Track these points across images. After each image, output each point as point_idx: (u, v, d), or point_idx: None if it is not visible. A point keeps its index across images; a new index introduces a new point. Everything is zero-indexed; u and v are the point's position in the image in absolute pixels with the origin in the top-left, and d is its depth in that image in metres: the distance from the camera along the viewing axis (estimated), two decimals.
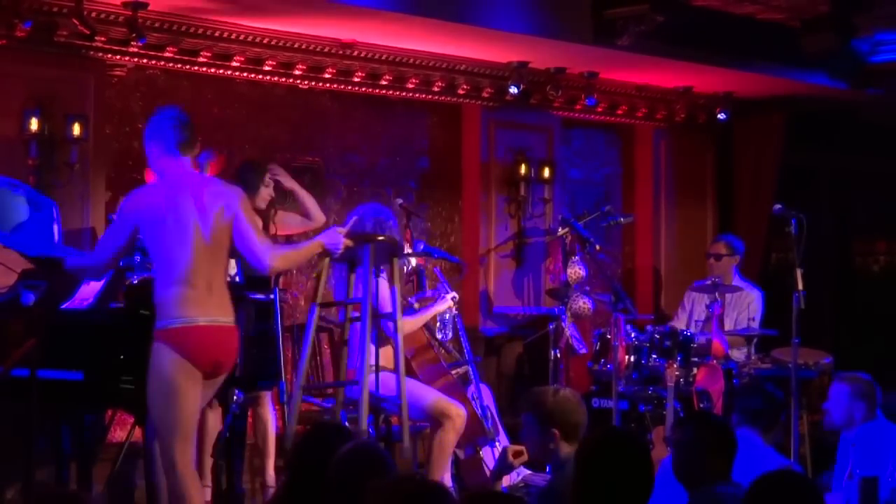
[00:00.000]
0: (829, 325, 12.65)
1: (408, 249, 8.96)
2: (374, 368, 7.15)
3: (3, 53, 8.68)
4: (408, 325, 7.90)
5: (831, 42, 11.27)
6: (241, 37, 9.63)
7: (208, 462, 7.90)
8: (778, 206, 8.64)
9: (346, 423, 7.80)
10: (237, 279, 6.93)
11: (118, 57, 9.26)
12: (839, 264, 13.66)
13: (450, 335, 8.51)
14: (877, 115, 12.65)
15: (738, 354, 9.90)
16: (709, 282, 10.10)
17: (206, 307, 6.20)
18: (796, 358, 8.31)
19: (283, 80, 10.11)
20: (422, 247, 8.58)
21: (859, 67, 11.95)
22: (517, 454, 6.19)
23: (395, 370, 7.14)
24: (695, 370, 9.29)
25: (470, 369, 8.12)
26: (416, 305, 8.39)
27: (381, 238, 7.06)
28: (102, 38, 8.99)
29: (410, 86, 10.73)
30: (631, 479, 4.36)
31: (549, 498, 5.35)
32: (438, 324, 8.31)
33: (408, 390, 7.76)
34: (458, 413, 7.74)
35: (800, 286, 8.27)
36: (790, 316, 8.28)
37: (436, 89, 10.86)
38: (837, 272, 13.50)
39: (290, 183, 8.81)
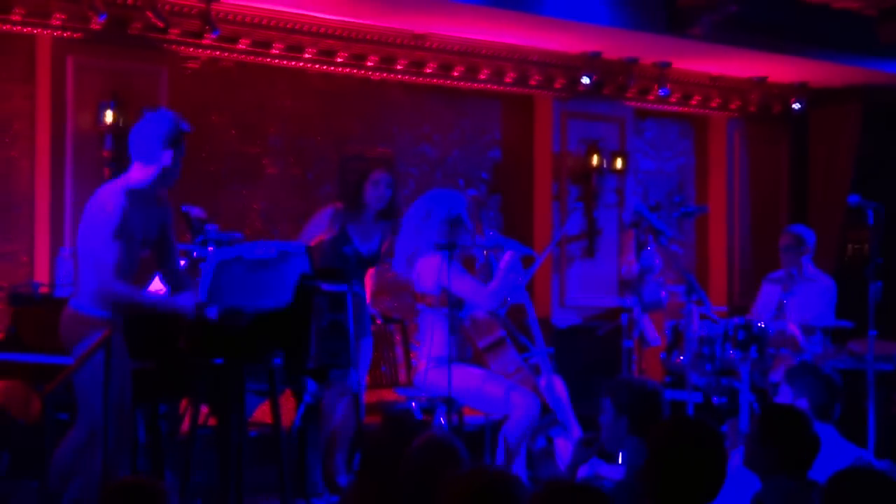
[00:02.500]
0: None
1: (479, 240, 8.94)
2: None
3: (79, 46, 8.78)
4: (493, 294, 7.84)
5: None
6: (314, 28, 9.68)
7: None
8: (854, 197, 8.53)
9: (420, 415, 7.83)
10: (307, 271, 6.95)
11: (192, 49, 9.34)
12: None
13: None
14: None
15: (812, 346, 9.81)
16: (783, 273, 10.01)
17: None
18: (873, 350, 8.22)
19: (356, 71, 10.14)
20: (493, 237, 8.54)
21: None
22: (588, 443, 6.17)
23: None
24: (770, 362, 9.21)
25: (542, 360, 8.09)
26: None
27: None
28: (176, 31, 9.07)
29: (482, 77, 10.73)
30: (704, 468, 4.35)
31: (625, 489, 5.34)
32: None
33: (480, 381, 7.76)
34: (529, 404, 7.72)
35: (877, 278, 8.18)
36: (866, 308, 8.19)
37: (508, 80, 10.85)
38: None
39: None
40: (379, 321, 8.93)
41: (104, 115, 8.77)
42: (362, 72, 10.18)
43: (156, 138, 6.38)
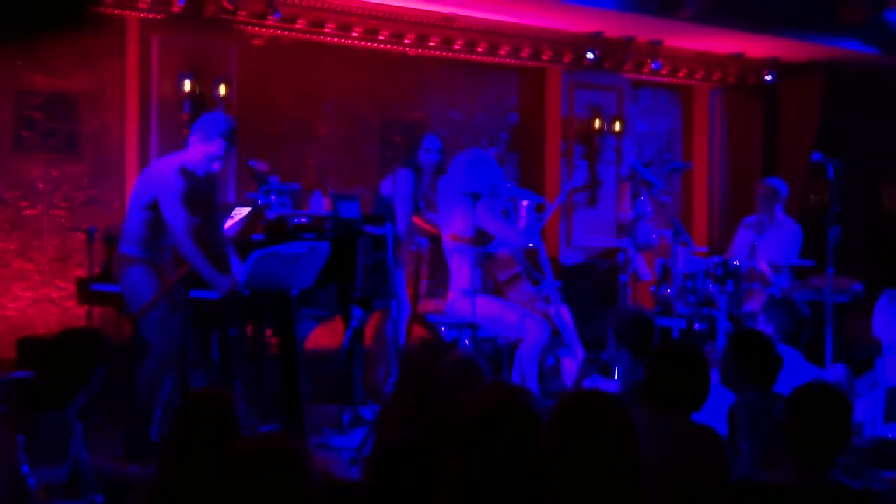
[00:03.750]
0: (860, 257, 12.40)
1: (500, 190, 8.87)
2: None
3: (163, 26, 8.74)
4: (523, 232, 7.79)
5: (865, 13, 11.00)
6: (360, 11, 9.61)
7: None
8: (817, 154, 8.43)
9: (448, 338, 7.82)
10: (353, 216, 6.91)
11: (257, 28, 9.29)
12: (870, 205, 13.36)
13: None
14: None
15: (780, 281, 9.74)
16: (755, 219, 9.93)
17: None
18: (831, 285, 8.16)
19: (395, 47, 10.07)
20: (511, 188, 8.48)
21: (889, 35, 11.64)
22: (590, 361, 6.18)
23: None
24: (743, 295, 9.15)
25: (551, 292, 8.06)
26: None
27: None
28: (244, 13, 9.02)
29: (502, 52, 10.65)
30: (693, 381, 4.36)
31: (626, 395, 5.35)
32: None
33: (499, 309, 7.74)
34: (541, 329, 7.70)
35: (835, 224, 8.10)
36: (826, 249, 8.13)
37: (524, 55, 10.77)
38: (869, 212, 13.21)
39: None
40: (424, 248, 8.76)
41: (183, 85, 8.74)
42: (401, 48, 10.11)
43: (214, 129, 6.40)
